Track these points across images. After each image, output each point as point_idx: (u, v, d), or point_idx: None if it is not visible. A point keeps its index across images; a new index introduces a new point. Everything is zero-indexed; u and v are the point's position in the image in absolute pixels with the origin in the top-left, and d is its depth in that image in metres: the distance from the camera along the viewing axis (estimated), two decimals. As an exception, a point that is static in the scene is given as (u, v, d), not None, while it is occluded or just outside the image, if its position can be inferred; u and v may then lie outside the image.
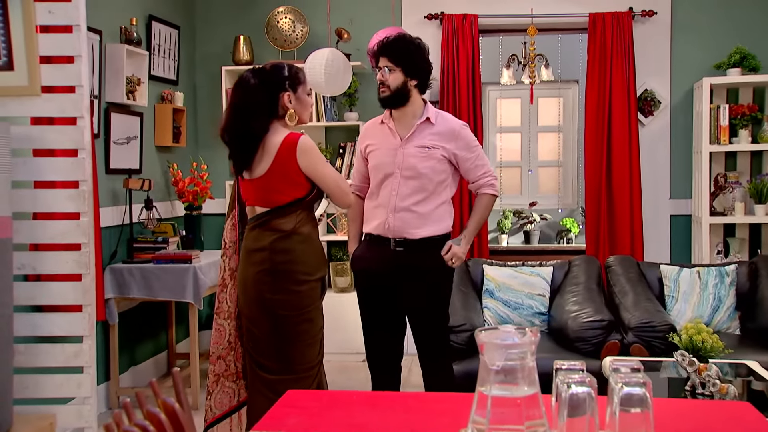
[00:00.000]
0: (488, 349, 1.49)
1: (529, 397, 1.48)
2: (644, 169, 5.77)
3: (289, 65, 3.19)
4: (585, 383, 1.46)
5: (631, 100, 5.67)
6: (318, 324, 3.14)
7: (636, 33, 5.75)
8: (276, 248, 3.06)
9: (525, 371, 1.47)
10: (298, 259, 3.06)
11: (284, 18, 5.87)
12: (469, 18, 5.74)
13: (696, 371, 3.21)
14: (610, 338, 4.17)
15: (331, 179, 3.11)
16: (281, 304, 3.05)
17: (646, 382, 1.42)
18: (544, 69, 6.70)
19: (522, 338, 1.48)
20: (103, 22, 4.71)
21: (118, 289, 4.66)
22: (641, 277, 4.68)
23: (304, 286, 3.08)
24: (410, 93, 3.53)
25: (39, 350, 3.12)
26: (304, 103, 3.17)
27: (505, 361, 1.47)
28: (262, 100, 3.09)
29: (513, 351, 1.47)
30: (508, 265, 4.75)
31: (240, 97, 3.09)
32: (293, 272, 3.05)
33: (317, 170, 3.07)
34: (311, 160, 3.04)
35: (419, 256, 3.53)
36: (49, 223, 3.07)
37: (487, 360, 1.49)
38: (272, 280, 3.05)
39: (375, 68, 3.60)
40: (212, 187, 5.68)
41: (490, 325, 4.54)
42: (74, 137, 3.07)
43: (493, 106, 7.76)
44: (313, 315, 3.11)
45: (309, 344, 3.09)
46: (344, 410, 1.81)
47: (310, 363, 3.09)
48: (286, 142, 3.02)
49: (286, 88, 3.10)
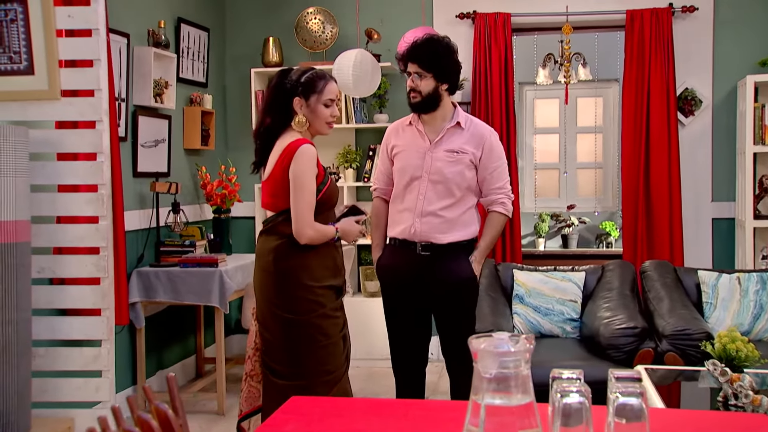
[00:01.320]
0: (482, 357, 1.48)
1: (523, 406, 1.46)
2: (684, 171, 5.68)
3: (313, 72, 3.15)
4: (580, 393, 1.45)
5: (671, 99, 5.59)
6: (327, 331, 3.10)
7: (676, 30, 5.67)
8: (279, 253, 3.08)
9: (519, 379, 1.46)
10: (301, 265, 3.06)
11: (314, 19, 5.92)
12: (502, 17, 5.71)
13: (728, 381, 3.15)
14: (643, 346, 4.11)
15: (300, 200, 3.01)
16: (285, 307, 3.06)
17: (642, 392, 1.40)
18: (582, 68, 6.64)
19: (516, 346, 1.47)
20: (130, 25, 4.80)
21: (145, 293, 4.74)
22: (678, 282, 4.61)
23: (308, 292, 3.06)
24: (441, 97, 3.53)
25: (58, 354, 3.19)
26: (316, 113, 3.12)
27: (498, 369, 1.47)
28: (275, 101, 3.13)
29: (507, 359, 1.46)
30: (539, 270, 4.72)
31: (263, 96, 3.20)
32: (296, 277, 3.05)
33: (296, 180, 3.01)
34: (298, 167, 3.01)
35: (446, 260, 3.53)
36: (69, 227, 3.14)
37: (481, 368, 1.49)
38: (276, 284, 3.08)
39: (404, 73, 3.59)
40: (241, 191, 5.75)
41: (520, 331, 4.52)
42: (93, 141, 3.13)
43: (530, 107, 7.71)
44: (320, 321, 3.08)
45: (319, 350, 3.09)
46: (344, 417, 1.82)
47: (323, 369, 3.10)
48: (290, 146, 3.04)
49: (298, 94, 3.10)
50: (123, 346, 4.70)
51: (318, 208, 3.09)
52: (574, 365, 4.11)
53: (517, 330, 4.51)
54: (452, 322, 3.61)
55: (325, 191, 3.11)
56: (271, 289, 3.11)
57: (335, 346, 3.13)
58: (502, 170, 3.57)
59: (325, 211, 3.15)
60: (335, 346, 3.13)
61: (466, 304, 3.62)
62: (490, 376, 1.47)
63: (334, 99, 3.16)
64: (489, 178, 3.55)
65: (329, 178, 3.16)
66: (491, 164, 3.54)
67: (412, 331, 3.67)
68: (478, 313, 4.30)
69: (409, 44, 3.57)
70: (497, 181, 3.56)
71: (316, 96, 3.11)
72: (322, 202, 3.10)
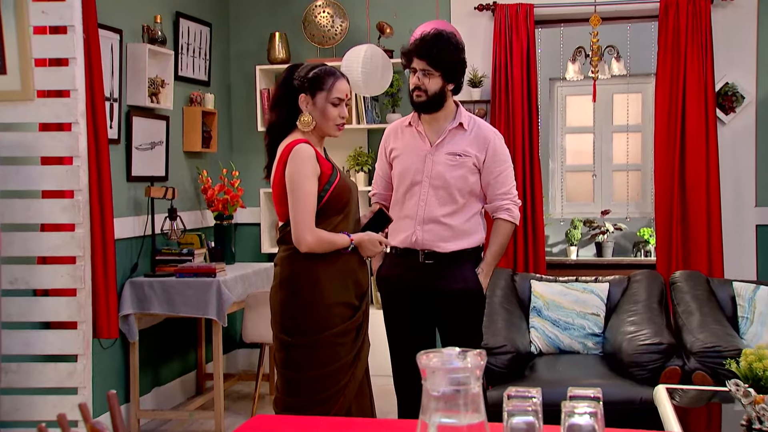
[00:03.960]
0: (429, 374, 1.49)
1: (474, 425, 1.47)
2: (724, 173, 5.59)
3: (322, 68, 3.14)
4: (533, 413, 1.45)
5: (709, 95, 5.51)
6: (325, 357, 3.05)
7: (715, 19, 5.58)
8: (285, 264, 3.10)
9: (468, 397, 1.47)
10: (307, 278, 3.04)
11: (322, 12, 5.96)
12: (524, 8, 5.69)
13: (752, 403, 3.10)
14: (669, 364, 4.07)
15: (296, 204, 3.00)
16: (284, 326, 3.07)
17: (594, 412, 1.40)
18: (615, 62, 6.60)
19: (464, 362, 1.47)
20: (123, 20, 4.87)
21: (139, 305, 4.79)
22: (710, 295, 4.55)
23: (310, 312, 3.04)
24: (446, 97, 3.53)
25: (31, 369, 3.24)
26: (323, 112, 3.08)
27: (447, 387, 1.47)
28: (280, 98, 3.15)
29: (455, 376, 1.46)
30: (559, 281, 4.69)
31: (271, 93, 3.22)
32: (299, 289, 3.04)
33: (291, 183, 3.00)
34: (292, 168, 3.00)
35: (450, 270, 3.53)
36: (43, 235, 3.20)
37: (428, 386, 1.49)
38: (280, 298, 3.09)
39: (408, 69, 3.60)
40: (245, 195, 5.79)
41: (537, 347, 4.49)
42: (69, 144, 3.19)
43: (562, 104, 7.67)
44: (319, 344, 3.04)
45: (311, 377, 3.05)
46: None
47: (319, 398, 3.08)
48: (286, 148, 3.03)
49: (305, 90, 3.09)
50: (114, 361, 4.76)
51: (325, 211, 3.06)
52: (593, 384, 4.09)
53: (534, 346, 4.48)
54: (457, 336, 3.61)
55: (331, 192, 3.06)
56: (276, 303, 3.12)
57: (334, 373, 3.08)
58: (507, 174, 3.56)
59: (333, 214, 3.10)
60: (334, 374, 3.08)
61: (472, 317, 3.62)
62: (438, 394, 1.48)
63: (343, 99, 3.12)
64: (493, 182, 3.54)
65: (337, 177, 3.10)
66: (496, 168, 3.53)
67: (414, 347, 3.65)
68: (492, 328, 4.29)
69: (416, 39, 3.57)
70: (502, 186, 3.55)
71: (324, 94, 3.08)
72: (329, 205, 3.07)
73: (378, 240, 3.18)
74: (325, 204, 3.07)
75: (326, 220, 3.07)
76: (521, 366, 4.26)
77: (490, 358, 4.12)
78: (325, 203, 3.07)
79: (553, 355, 4.46)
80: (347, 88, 3.15)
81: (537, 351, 4.48)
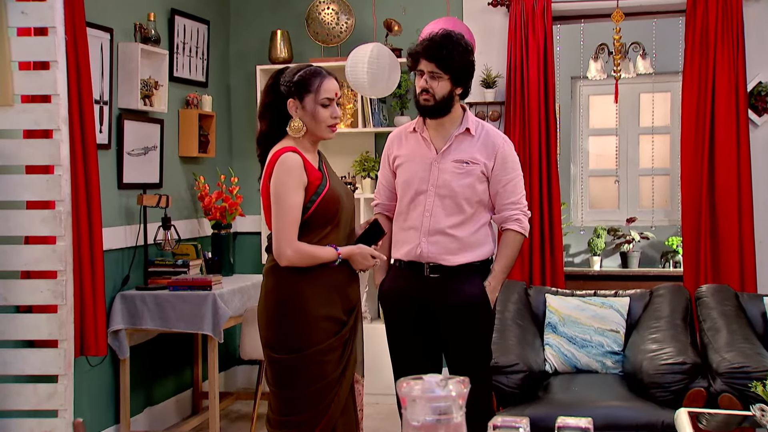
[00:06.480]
0: (409, 403, 1.50)
1: (456, 459, 1.47)
2: (757, 179, 5.55)
3: (307, 69, 3.17)
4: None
5: (740, 95, 5.48)
6: (312, 374, 3.06)
7: (747, 14, 5.54)
8: (269, 274, 3.14)
9: (450, 428, 1.47)
10: (291, 290, 3.07)
11: (327, 9, 5.97)
12: (541, 3, 5.68)
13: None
14: (693, 385, 4.04)
15: (277, 216, 3.05)
16: (268, 340, 3.11)
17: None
18: (641, 59, 6.59)
19: (446, 390, 1.47)
20: (114, 18, 4.90)
21: (130, 319, 4.81)
22: (739, 311, 4.51)
23: (293, 326, 3.07)
24: (454, 101, 3.54)
25: (8, 390, 3.26)
26: (313, 115, 3.11)
27: (427, 416, 1.47)
28: (269, 106, 3.18)
29: (436, 404, 1.47)
30: (576, 295, 4.68)
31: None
32: (283, 302, 3.08)
33: (273, 194, 3.04)
34: (275, 179, 3.04)
35: (457, 284, 3.53)
36: (23, 248, 3.22)
37: (408, 415, 1.50)
38: (265, 310, 3.13)
39: (414, 71, 3.60)
40: (244, 203, 5.81)
41: (552, 365, 4.48)
42: (50, 152, 3.21)
43: (585, 105, 7.65)
44: (305, 361, 3.05)
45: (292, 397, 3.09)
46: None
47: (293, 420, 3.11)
48: (272, 157, 3.07)
49: (292, 95, 3.12)
50: (103, 379, 4.79)
51: (312, 222, 3.08)
52: (611, 406, 4.09)
53: (549, 364, 4.47)
54: (464, 354, 3.61)
55: (318, 203, 3.08)
56: (261, 316, 3.18)
57: (319, 391, 3.10)
58: (516, 183, 3.56)
59: (320, 226, 3.11)
60: (319, 391, 3.10)
61: (479, 333, 3.62)
62: (418, 424, 1.48)
63: (333, 98, 3.14)
64: (502, 191, 3.54)
65: (326, 187, 3.11)
66: (505, 176, 3.53)
67: (419, 364, 3.66)
68: (503, 345, 4.29)
69: (424, 40, 3.58)
70: (511, 195, 3.55)
71: (312, 96, 3.11)
72: (315, 217, 3.09)
73: (370, 254, 3.19)
74: (312, 215, 3.09)
75: (312, 232, 3.10)
76: (535, 386, 4.24)
77: (501, 378, 4.11)
78: (311, 214, 3.09)
79: (569, 374, 4.45)
80: (336, 87, 3.18)
81: (552, 370, 4.46)
